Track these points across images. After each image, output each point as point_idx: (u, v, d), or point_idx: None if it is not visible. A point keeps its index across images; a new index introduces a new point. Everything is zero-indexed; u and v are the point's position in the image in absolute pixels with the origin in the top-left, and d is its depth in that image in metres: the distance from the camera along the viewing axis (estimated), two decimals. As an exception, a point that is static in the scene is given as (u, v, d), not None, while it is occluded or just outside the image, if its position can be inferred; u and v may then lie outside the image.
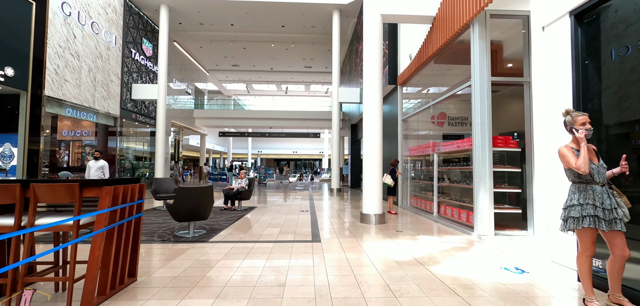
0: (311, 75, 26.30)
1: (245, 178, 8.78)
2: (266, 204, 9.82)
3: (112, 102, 13.31)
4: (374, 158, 6.62)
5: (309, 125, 23.62)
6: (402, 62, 9.44)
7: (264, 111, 23.61)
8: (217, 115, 23.32)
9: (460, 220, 6.01)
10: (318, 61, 22.77)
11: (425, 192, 8.09)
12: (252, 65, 24.08)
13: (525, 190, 5.24)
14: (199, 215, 5.10)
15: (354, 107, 17.90)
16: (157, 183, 8.59)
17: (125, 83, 14.29)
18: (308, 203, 10.05)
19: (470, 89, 5.44)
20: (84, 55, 11.57)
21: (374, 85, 6.70)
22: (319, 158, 48.96)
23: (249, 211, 8.16)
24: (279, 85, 29.30)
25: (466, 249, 4.50)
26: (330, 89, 30.30)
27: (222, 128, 25.19)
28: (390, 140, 10.34)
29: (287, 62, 23.43)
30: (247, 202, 9.76)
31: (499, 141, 5.25)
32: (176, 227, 5.77)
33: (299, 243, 4.79)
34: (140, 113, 15.62)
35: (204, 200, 5.06)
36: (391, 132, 10.27)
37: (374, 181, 6.55)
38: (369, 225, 6.32)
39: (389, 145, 10.48)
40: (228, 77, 27.39)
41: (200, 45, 20.08)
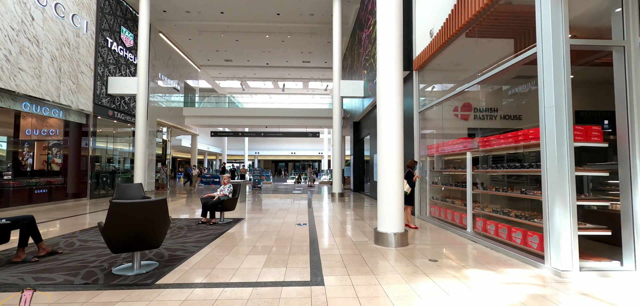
0: (310, 70, 24.71)
1: (228, 184, 7.16)
2: (257, 214, 8.21)
3: (83, 97, 11.67)
4: (392, 159, 5.03)
5: (307, 123, 22.01)
6: (419, 42, 7.85)
7: (259, 109, 22.00)
8: (208, 113, 21.68)
9: (512, 242, 4.42)
10: (317, 55, 21.19)
11: (452, 201, 6.49)
12: (247, 60, 22.47)
13: (619, 202, 3.65)
14: (144, 242, 3.48)
15: (356, 104, 16.31)
16: (120, 191, 6.95)
17: (100, 76, 12.66)
18: (306, 212, 8.45)
19: (530, 62, 3.85)
20: (45, 41, 9.95)
21: (392, 61, 5.11)
22: (318, 160, 47.36)
23: (233, 225, 6.54)
24: (275, 82, 27.69)
25: (549, 297, 2.90)
26: (330, 86, 28.73)
27: (214, 128, 23.56)
28: (404, 137, 8.75)
29: (284, 57, 21.84)
30: (231, 212, 8.13)
31: (577, 133, 3.65)
32: (121, 257, 4.15)
33: (292, 286, 3.18)
34: (120, 111, 13.99)
35: (150, 221, 3.44)
36: (405, 127, 8.68)
37: (394, 189, 4.96)
38: (387, 248, 4.72)
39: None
40: (221, 74, 25.77)
41: (188, 37, 18.47)
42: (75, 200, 11.50)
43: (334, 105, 13.62)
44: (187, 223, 6.71)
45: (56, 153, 11.65)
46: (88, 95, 11.96)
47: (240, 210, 9.01)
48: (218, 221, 6.81)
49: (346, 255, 4.32)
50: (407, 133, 8.36)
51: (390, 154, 5.01)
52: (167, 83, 18.73)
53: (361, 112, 14.84)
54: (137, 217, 3.34)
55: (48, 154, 11.63)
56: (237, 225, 6.62)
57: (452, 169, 6.59)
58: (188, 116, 21.13)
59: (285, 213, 8.36)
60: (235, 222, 6.90)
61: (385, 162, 5.04)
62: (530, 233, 4.09)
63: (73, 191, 11.72)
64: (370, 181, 13.45)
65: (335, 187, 13.26)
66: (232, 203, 6.98)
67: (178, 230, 5.92)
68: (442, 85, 7.45)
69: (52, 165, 11.56)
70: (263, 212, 8.72)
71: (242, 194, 11.52)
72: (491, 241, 4.81)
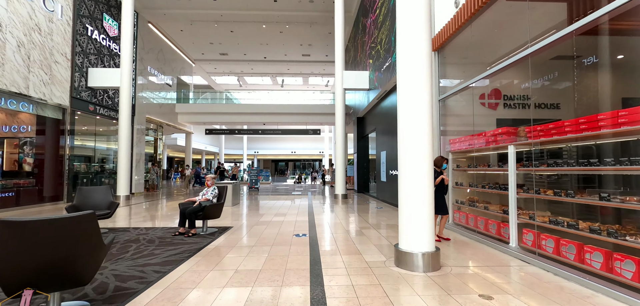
0: (310, 65, 23.52)
1: (213, 186, 5.98)
2: (249, 220, 7.03)
3: (58, 89, 10.50)
4: (419, 155, 3.86)
5: (308, 120, 20.83)
6: (440, 16, 6.64)
7: (257, 105, 20.83)
8: (203, 110, 20.51)
9: (586, 265, 3.23)
10: (317, 47, 20.00)
11: (485, 206, 5.29)
12: (243, 53, 21.29)
13: None
14: (58, 278, 2.30)
15: (359, 99, 15.12)
16: (82, 196, 5.79)
17: (79, 66, 11.49)
18: (306, 219, 7.27)
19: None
20: (9, 25, 8.78)
21: (419, 28, 3.92)
22: (319, 159, 46.19)
23: (216, 237, 5.37)
24: (274, 77, 26.51)
25: None
26: (330, 82, 27.55)
27: (210, 125, 22.37)
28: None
29: (282, 50, 20.65)
30: (216, 221, 6.94)
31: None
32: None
33: (281, 355, 1.99)
34: (103, 105, 12.82)
35: (67, 247, 2.26)
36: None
37: (421, 196, 3.78)
38: (413, 274, 3.54)
39: None
40: (217, 69, 24.59)
41: (180, 28, 17.29)
42: (52, 204, 10.33)
43: (337, 98, 12.43)
44: (162, 234, 5.54)
45: (28, 152, 10.49)
46: (64, 88, 10.79)
47: (231, 215, 7.83)
48: (200, 231, 5.64)
49: (360, 287, 3.14)
50: (423, 125, 7.18)
51: (416, 150, 3.83)
52: (159, 78, 17.56)
53: (365, 106, 13.66)
54: (41, 242, 2.15)
55: (19, 153, 10.47)
56: (222, 236, 5.44)
57: (484, 167, 5.39)
58: (181, 113, 19.96)
59: (282, 219, 7.17)
60: (221, 232, 5.72)
61: (409, 160, 3.87)
62: (620, 256, 2.90)
63: (50, 194, 10.56)
64: (377, 181, 12.27)
65: (338, 187, 12.08)
66: (217, 210, 5.79)
67: (146, 245, 4.74)
68: (466, 70, 6.25)
69: (24, 165, 10.40)
70: (256, 217, 7.54)
71: (236, 196, 10.35)
72: (550, 263, 3.63)
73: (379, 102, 12.04)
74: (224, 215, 7.89)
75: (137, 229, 6.00)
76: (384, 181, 11.09)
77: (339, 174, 12.14)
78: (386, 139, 11.03)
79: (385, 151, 10.94)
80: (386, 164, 10.75)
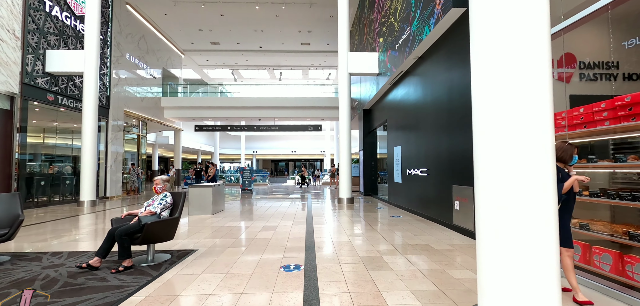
0: (309, 56, 21.64)
1: (162, 194, 4.07)
2: (223, 239, 5.13)
3: (3, 73, 8.64)
4: (532, 139, 1.89)
5: (307, 115, 18.93)
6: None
7: (252, 98, 18.94)
8: (192, 104, 18.62)
9: None
10: (318, 35, 18.10)
11: (612, 232, 3.27)
12: (236, 43, 19.42)
13: None
14: None
15: (365, 89, 13.20)
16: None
17: (33, 48, 9.64)
18: (302, 234, 5.37)
19: None
20: None
21: None
22: (320, 158, 44.30)
23: (161, 273, 3.46)
24: (271, 70, 24.62)
25: None
26: (332, 76, 25.64)
27: (200, 121, 20.47)
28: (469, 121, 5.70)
29: (279, 37, 18.77)
30: (170, 243, 5.04)
31: None
32: None
33: None
34: (67, 96, 10.96)
35: None
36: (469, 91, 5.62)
37: (537, 218, 1.82)
38: None
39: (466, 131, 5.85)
40: (209, 61, 22.73)
41: (163, 11, 15.43)
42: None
43: (340, 85, 10.53)
44: (66, 279, 3.63)
45: (-35, 150, 8.64)
46: (12, 72, 8.92)
47: (204, 229, 5.93)
48: (141, 262, 3.73)
49: None
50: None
51: (524, 134, 1.87)
52: (142, 69, 15.70)
53: (373, 97, 11.74)
54: None
55: (-46, 151, 8.62)
56: (172, 271, 3.54)
57: (636, 159, 3.20)
58: (168, 108, 18.10)
59: (270, 235, 5.27)
60: (175, 261, 3.82)
61: (504, 156, 1.91)
62: None
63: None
64: (389, 183, 10.35)
65: (342, 190, 10.17)
66: (166, 229, 3.88)
67: (34, 296, 2.83)
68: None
69: (-39, 165, 8.56)
70: (237, 232, 5.64)
71: (218, 202, 8.45)
72: None
73: (391, 89, 10.13)
74: (197, 227, 5.99)
75: (52, 257, 4.10)
76: (398, 182, 9.18)
77: (344, 174, 10.22)
78: (401, 133, 9.12)
79: (400, 146, 9.02)
80: (402, 162, 8.84)
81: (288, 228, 6.08)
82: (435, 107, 6.59)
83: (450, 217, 5.80)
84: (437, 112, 6.46)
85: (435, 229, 5.86)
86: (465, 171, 5.32)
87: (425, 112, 7.17)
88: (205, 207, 7.87)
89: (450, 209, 5.80)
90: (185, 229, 6.01)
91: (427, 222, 6.62)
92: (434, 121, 6.62)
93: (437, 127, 6.49)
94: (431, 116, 6.80)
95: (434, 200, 6.71)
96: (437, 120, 6.46)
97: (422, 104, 7.37)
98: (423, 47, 6.97)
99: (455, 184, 5.67)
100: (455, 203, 5.64)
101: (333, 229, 5.97)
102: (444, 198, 6.16)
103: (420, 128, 7.49)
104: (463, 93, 5.35)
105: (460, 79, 5.48)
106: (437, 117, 6.49)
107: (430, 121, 6.86)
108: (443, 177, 6.23)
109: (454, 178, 5.72)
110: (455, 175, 5.68)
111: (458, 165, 5.58)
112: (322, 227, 6.15)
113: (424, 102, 7.25)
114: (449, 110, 5.89)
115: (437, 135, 6.48)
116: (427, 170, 7.01)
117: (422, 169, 7.26)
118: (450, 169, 5.90)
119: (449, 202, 5.88)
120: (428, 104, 7.00)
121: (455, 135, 5.65)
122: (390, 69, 9.15)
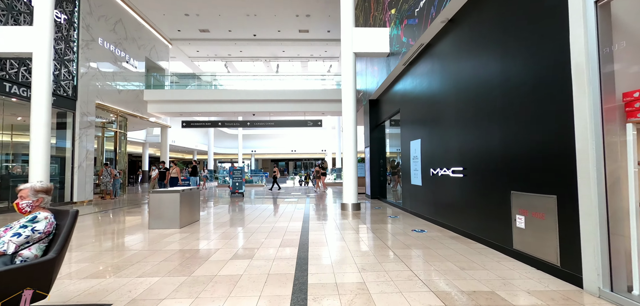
0: (309, 45, 19.84)
1: (31, 215, 2.26)
2: (169, 274, 3.34)
3: None
4: None
5: (307, 109, 17.13)
6: None
7: (245, 91, 17.14)
8: (179, 97, 16.81)
9: None
10: (317, 19, 16.31)
11: None
12: (227, 30, 17.63)
13: None
14: None
15: (371, 78, 11.38)
16: None
17: (-32, 22, 7.89)
18: (291, 269, 3.58)
19: None
20: None
21: None
22: (321, 158, 42.46)
23: None
24: (267, 62, 22.83)
25: None
26: (333, 67, 23.81)
27: (189, 116, 18.68)
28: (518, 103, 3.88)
29: (275, 24, 16.98)
30: (67, 292, 3.23)
31: None
32: None
33: None
34: (19, 83, 9.21)
35: None
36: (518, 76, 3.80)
37: None
38: None
39: (514, 118, 4.02)
40: (200, 52, 20.97)
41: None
42: None
43: (344, 68, 8.73)
44: None
45: None
46: None
47: (151, 257, 4.13)
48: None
49: None
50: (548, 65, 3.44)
51: None
52: (122, 57, 13.95)
53: (381, 83, 9.93)
54: None
55: None
56: None
57: None
58: (152, 101, 16.33)
59: (241, 272, 3.47)
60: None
61: None
62: None
63: None
64: (404, 185, 8.53)
65: (347, 194, 8.38)
66: (28, 281, 2.06)
67: None
68: None
69: None
70: (194, 264, 3.84)
71: (189, 212, 6.67)
72: None
73: (405, 71, 8.32)
74: (145, 252, 4.18)
75: None
76: (416, 185, 7.37)
77: (350, 175, 8.43)
78: (420, 124, 7.32)
79: (419, 140, 7.21)
80: (422, 160, 7.02)
81: (272, 253, 4.28)
82: (478, 87, 4.77)
83: (508, 237, 3.99)
84: (483, 93, 4.64)
85: (485, 255, 4.05)
86: (537, 173, 3.50)
87: (460, 95, 5.35)
88: (171, 219, 6.08)
89: (507, 226, 3.99)
90: (126, 255, 4.22)
91: (466, 241, 4.81)
92: (476, 106, 4.81)
93: (481, 113, 4.67)
94: (470, 99, 4.99)
95: (474, 210, 4.90)
96: (482, 104, 4.64)
97: (454, 84, 5.56)
98: (457, 3, 5.16)
99: (516, 190, 3.85)
100: (516, 218, 3.83)
101: (336, 257, 4.16)
102: (493, 210, 4.35)
103: (450, 116, 5.68)
104: (538, 63, 3.53)
105: (531, 42, 3.66)
106: (482, 99, 4.67)
107: (468, 106, 5.05)
108: (491, 180, 4.41)
109: (514, 183, 3.90)
110: (516, 178, 3.87)
111: (523, 165, 3.76)
112: (321, 252, 4.34)
113: (457, 82, 5.44)
114: (506, 90, 4.07)
115: (481, 124, 4.66)
116: (463, 169, 5.19)
117: (455, 168, 5.45)
118: (506, 169, 4.08)
119: (503, 215, 4.07)
120: (465, 84, 5.19)
121: (519, 123, 3.83)
122: (406, 43, 7.33)
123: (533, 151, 3.59)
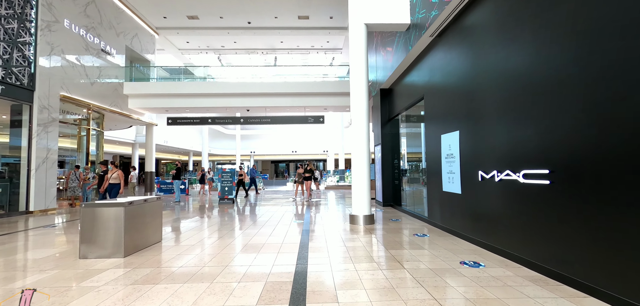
0: (309, 35, 18.02)
1: None
2: None
3: None
4: None
5: (307, 103, 15.29)
6: None
7: (239, 83, 15.32)
8: (164, 90, 15.00)
9: None
10: (318, 3, 14.47)
11: None
12: (219, 16, 15.82)
13: None
14: None
15: (381, 65, 9.53)
16: None
17: None
18: None
19: None
20: None
21: None
22: (323, 159, 40.59)
23: None
24: (264, 54, 21.01)
25: None
26: (336, 59, 21.98)
27: (176, 112, 16.85)
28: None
29: (272, 10, 15.17)
30: None
31: None
32: None
33: None
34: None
35: None
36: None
37: None
38: None
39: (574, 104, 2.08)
40: (190, 44, 19.18)
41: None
42: None
43: (353, 44, 6.89)
44: None
45: None
46: None
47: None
48: None
49: None
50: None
51: None
52: (96, 44, 12.19)
53: (397, 67, 8.07)
54: None
55: None
56: None
57: None
58: (133, 95, 14.55)
59: None
60: None
61: None
62: None
63: None
64: (430, 192, 6.65)
65: (357, 203, 6.54)
66: None
67: None
68: None
69: None
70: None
71: (145, 231, 4.85)
72: None
73: (432, 46, 6.46)
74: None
75: None
76: (452, 193, 5.51)
77: (361, 179, 6.58)
78: (455, 114, 5.47)
79: (457, 132, 5.35)
80: (462, 159, 5.17)
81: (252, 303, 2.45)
82: (580, 58, 2.92)
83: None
84: (586, 63, 2.79)
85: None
86: None
87: (533, 71, 3.51)
88: (112, 244, 4.26)
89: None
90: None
91: (559, 288, 2.97)
92: (571, 83, 2.96)
93: (589, 80, 2.82)
94: (551, 75, 3.14)
95: (579, 240, 3.04)
96: (596, 62, 2.79)
97: (521, 58, 3.71)
98: None
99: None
100: None
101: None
102: (618, 239, 2.49)
103: (517, 94, 3.83)
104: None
105: None
106: (596, 53, 2.82)
107: (553, 84, 3.20)
108: (610, 190, 2.56)
109: None
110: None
111: None
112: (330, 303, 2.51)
113: (528, 54, 3.59)
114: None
115: (591, 98, 2.81)
116: (549, 172, 3.33)
117: (530, 171, 3.60)
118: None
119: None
120: (545, 56, 3.33)
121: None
122: (438, 3, 5.47)
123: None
